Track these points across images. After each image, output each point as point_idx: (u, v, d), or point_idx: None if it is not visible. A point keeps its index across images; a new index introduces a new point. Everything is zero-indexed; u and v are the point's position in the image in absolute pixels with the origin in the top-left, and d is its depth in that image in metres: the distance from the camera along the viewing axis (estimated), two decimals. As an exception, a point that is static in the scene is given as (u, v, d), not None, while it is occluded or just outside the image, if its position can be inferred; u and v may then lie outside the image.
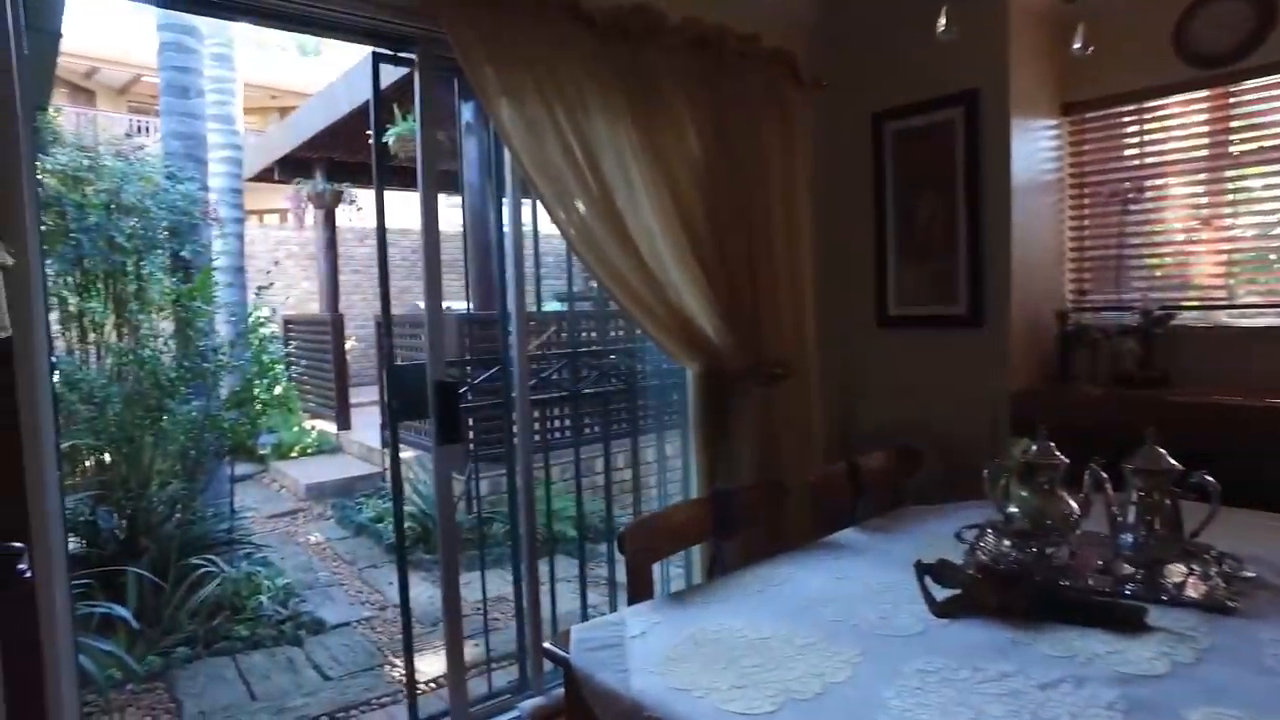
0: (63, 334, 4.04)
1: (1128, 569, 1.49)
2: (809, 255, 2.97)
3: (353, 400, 7.66)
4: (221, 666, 3.44)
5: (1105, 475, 1.56)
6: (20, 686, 1.44)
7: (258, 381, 4.05)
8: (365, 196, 8.65)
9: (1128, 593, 1.41)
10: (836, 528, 1.98)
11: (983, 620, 1.30)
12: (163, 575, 3.72)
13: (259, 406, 3.94)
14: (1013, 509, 1.55)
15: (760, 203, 2.77)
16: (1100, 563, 1.53)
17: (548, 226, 2.80)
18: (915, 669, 1.17)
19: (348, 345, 8.10)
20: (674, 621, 1.38)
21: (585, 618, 3.09)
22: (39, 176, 4.06)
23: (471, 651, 3.30)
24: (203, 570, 3.81)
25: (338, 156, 8.02)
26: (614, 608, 3.11)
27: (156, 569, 3.70)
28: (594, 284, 6.86)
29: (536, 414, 2.66)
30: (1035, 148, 2.95)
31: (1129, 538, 1.51)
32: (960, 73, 2.87)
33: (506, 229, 2.58)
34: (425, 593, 4.26)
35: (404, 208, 11.17)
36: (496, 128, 2.26)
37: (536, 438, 2.62)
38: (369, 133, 6.42)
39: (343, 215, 8.76)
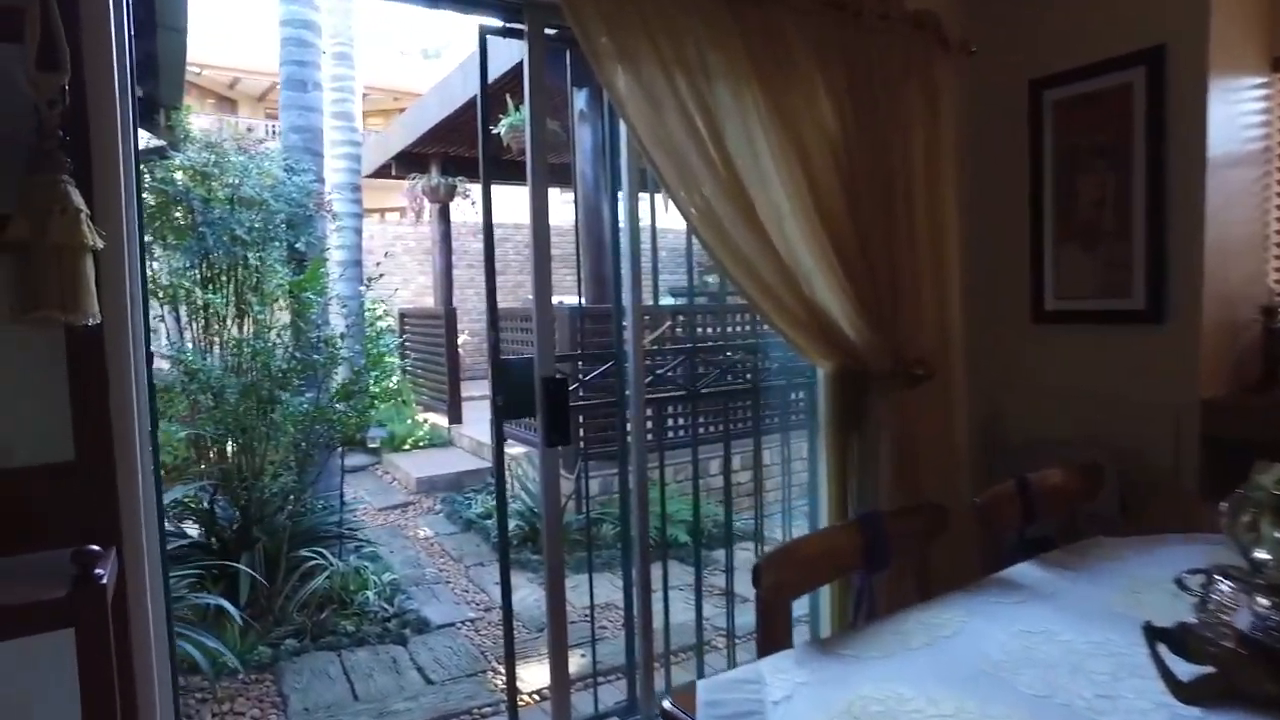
0: (190, 325, 4.12)
1: None
2: (955, 241, 2.61)
3: (465, 394, 7.69)
4: (326, 662, 3.38)
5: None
6: (99, 703, 1.33)
7: (369, 374, 4.01)
8: (480, 192, 8.70)
9: None
10: (1002, 560, 1.66)
11: (1250, 713, 0.97)
12: (274, 566, 3.73)
13: (369, 399, 3.88)
14: (1263, 554, 1.20)
15: (901, 182, 2.44)
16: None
17: (664, 219, 2.58)
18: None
19: (461, 339, 8.15)
20: (824, 682, 1.11)
21: (700, 632, 2.85)
22: (176, 175, 4.17)
23: (577, 663, 3.12)
24: (312, 563, 3.80)
25: (453, 151, 8.07)
26: (731, 621, 2.86)
27: (268, 559, 3.70)
28: (709, 279, 6.64)
29: (650, 412, 2.44)
30: (1236, 111, 2.49)
31: None
32: (1141, 27, 2.45)
33: (622, 218, 2.37)
34: (531, 595, 4.12)
35: (518, 202, 11.28)
36: (612, 99, 2.05)
37: (650, 437, 2.41)
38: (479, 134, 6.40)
39: (458, 212, 8.84)
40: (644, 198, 2.45)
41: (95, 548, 1.36)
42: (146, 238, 4.12)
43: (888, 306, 2.44)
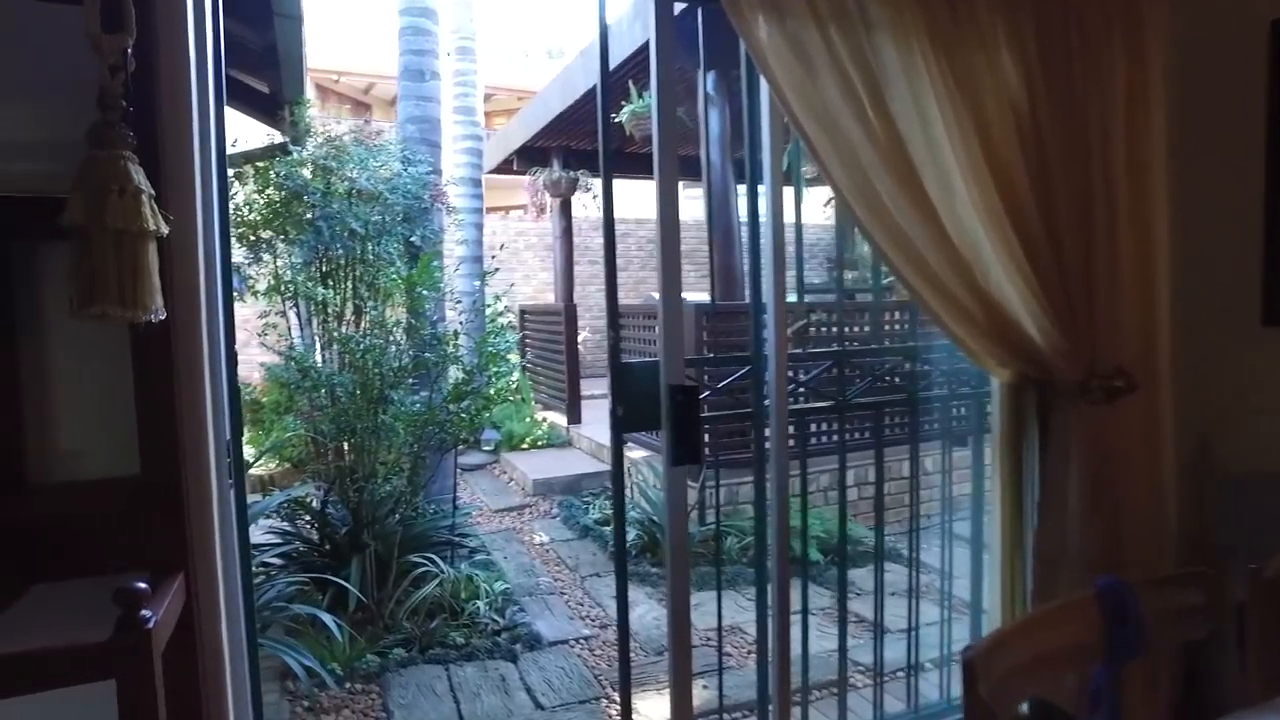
0: (309, 322, 4.08)
1: None
2: (1164, 227, 2.12)
3: (584, 392, 7.50)
4: (433, 676, 3.21)
5: None
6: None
7: (484, 373, 3.82)
8: (600, 185, 8.51)
9: None
10: None
11: None
12: (384, 570, 3.61)
13: (482, 401, 3.70)
14: None
15: (1099, 156, 1.98)
16: None
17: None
18: None
19: (581, 337, 8.00)
20: None
21: (844, 666, 2.49)
22: (299, 171, 4.13)
23: (699, 695, 2.80)
24: (423, 569, 3.65)
25: (574, 144, 7.91)
26: (879, 657, 2.48)
27: (379, 564, 3.58)
28: (835, 274, 6.18)
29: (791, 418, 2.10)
30: None
31: None
32: None
33: (763, 208, 2.03)
34: (650, 613, 3.84)
35: (640, 197, 11.07)
36: (752, 55, 1.73)
37: (790, 443, 2.09)
38: (599, 117, 6.14)
39: (579, 207, 8.69)
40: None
41: (141, 585, 1.15)
42: (266, 233, 4.11)
43: (1081, 305, 2.00)
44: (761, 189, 2.04)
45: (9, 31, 1.42)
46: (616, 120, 5.86)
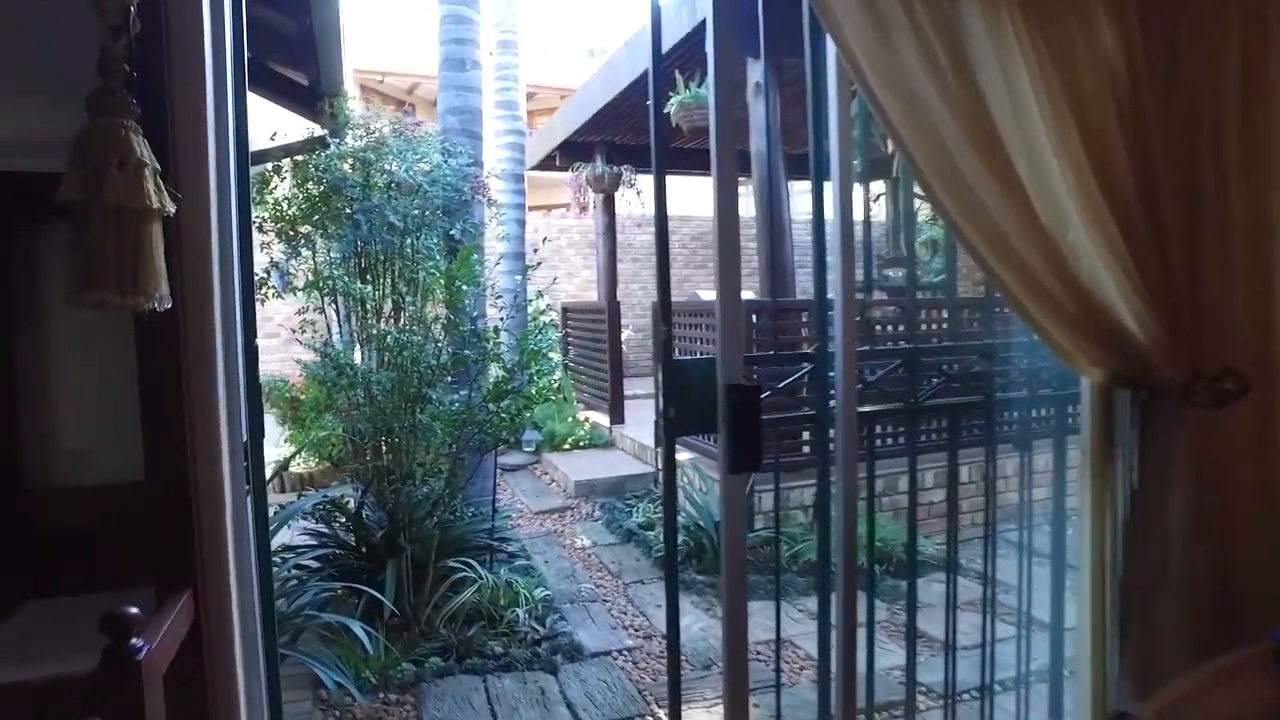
0: (348, 318, 3.97)
1: None
2: (1282, 207, 1.88)
3: (627, 392, 7.34)
4: (470, 688, 3.07)
5: None
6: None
7: (525, 371, 3.68)
8: (645, 181, 8.34)
9: None
10: None
11: None
12: (421, 575, 3.48)
13: (523, 400, 3.55)
14: None
15: (1207, 131, 1.76)
16: None
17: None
18: None
19: (624, 335, 7.83)
20: None
21: (913, 686, 2.28)
22: (343, 165, 4.03)
23: (752, 714, 2.63)
24: (460, 574, 3.52)
25: (618, 139, 7.75)
26: (950, 679, 2.27)
27: (415, 567, 3.46)
28: (889, 273, 5.92)
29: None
30: None
31: None
32: None
33: (829, 200, 1.85)
34: (696, 623, 3.66)
35: (684, 194, 10.88)
36: (821, 19, 1.55)
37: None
38: (650, 101, 5.94)
39: (622, 204, 8.52)
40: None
41: (132, 610, 1.01)
42: (305, 228, 4.02)
43: (1185, 297, 1.77)
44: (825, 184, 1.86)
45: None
46: (664, 112, 5.68)
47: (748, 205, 7.11)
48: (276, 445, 6.28)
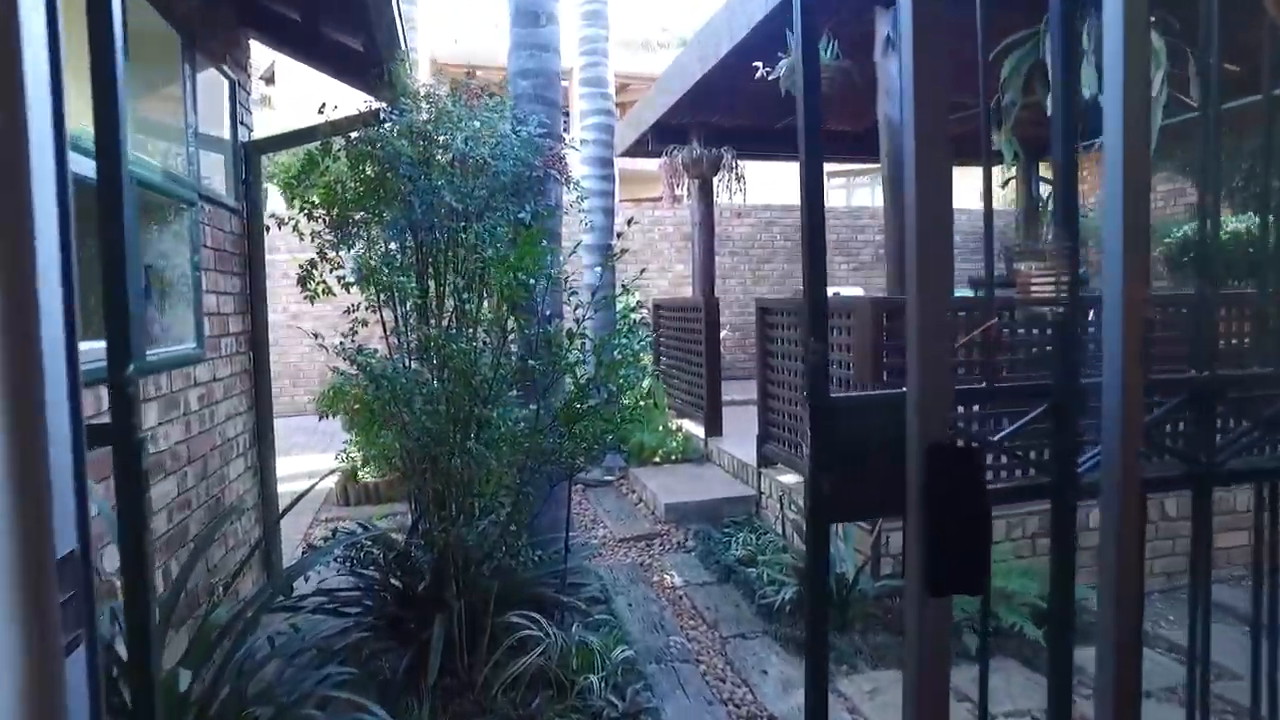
0: (404, 319, 3.40)
1: None
2: None
3: (724, 397, 6.57)
4: (531, 787, 2.43)
5: None
6: None
7: (608, 384, 3.00)
8: (750, 167, 7.56)
9: None
10: None
11: None
12: (476, 630, 2.87)
13: (601, 423, 2.88)
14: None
15: None
16: None
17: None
18: None
19: (721, 334, 7.06)
20: None
21: None
22: (400, 142, 3.47)
23: None
24: (524, 632, 2.89)
25: (715, 120, 7.00)
26: None
27: (465, 626, 2.85)
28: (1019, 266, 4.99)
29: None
30: None
31: None
32: None
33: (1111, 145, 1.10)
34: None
35: (790, 182, 10.00)
36: None
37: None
38: (759, 66, 5.16)
39: (722, 191, 7.76)
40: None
41: None
42: (360, 214, 3.47)
43: None
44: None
45: None
46: (773, 78, 4.92)
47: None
48: (341, 450, 5.87)
